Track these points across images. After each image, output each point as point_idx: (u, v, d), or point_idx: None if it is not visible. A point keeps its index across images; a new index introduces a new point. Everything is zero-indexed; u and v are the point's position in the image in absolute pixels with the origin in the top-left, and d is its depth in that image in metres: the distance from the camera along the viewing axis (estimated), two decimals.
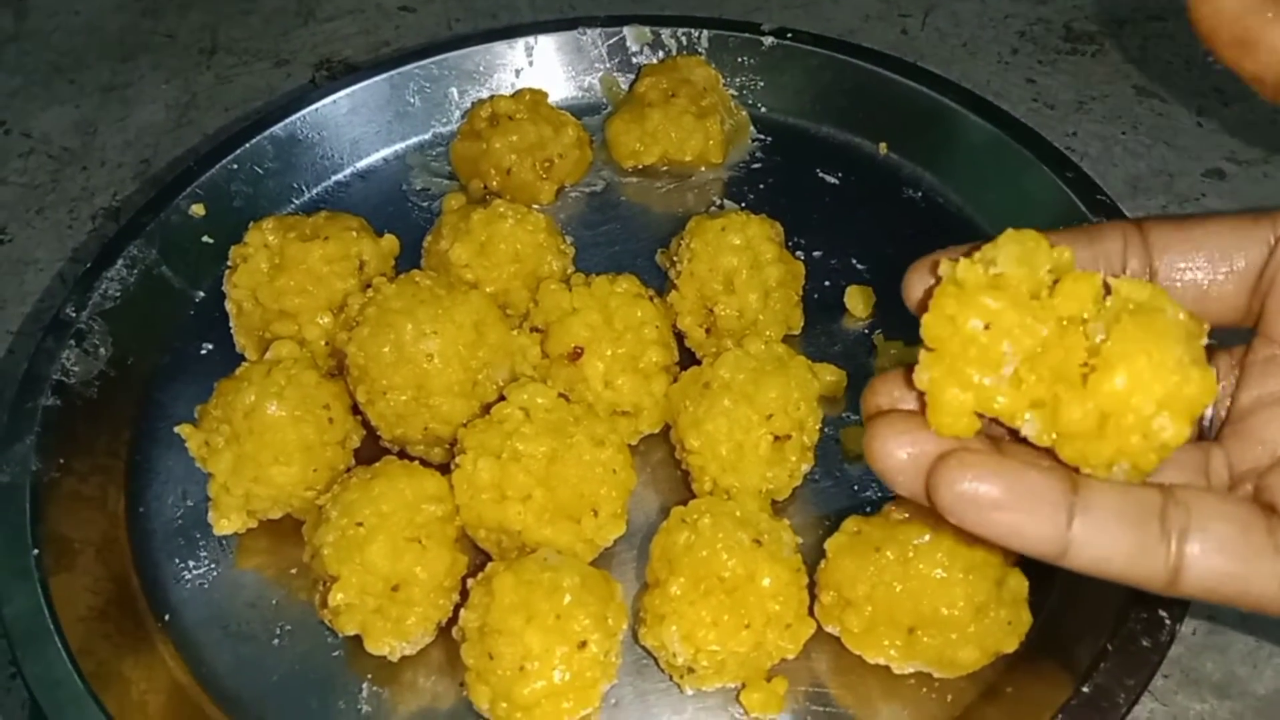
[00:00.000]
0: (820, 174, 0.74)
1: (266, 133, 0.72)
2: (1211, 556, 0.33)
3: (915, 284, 0.38)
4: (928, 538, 0.49)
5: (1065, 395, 0.32)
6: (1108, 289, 0.33)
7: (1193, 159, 0.90)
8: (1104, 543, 0.33)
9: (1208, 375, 0.31)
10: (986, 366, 0.33)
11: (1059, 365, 0.33)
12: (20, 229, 0.90)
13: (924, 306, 0.36)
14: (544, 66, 0.78)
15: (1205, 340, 0.33)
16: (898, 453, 0.35)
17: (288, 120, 0.73)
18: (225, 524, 0.56)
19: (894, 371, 0.38)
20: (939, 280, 0.35)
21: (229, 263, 0.62)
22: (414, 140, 0.77)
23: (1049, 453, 0.34)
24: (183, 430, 0.56)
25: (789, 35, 0.76)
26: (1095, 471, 0.34)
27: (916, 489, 0.35)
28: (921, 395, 0.35)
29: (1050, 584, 0.53)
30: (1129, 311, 0.32)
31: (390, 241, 0.64)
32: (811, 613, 0.52)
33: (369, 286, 0.59)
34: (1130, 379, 0.31)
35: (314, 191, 0.74)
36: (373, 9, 1.09)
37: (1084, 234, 0.39)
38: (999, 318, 0.33)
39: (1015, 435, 0.35)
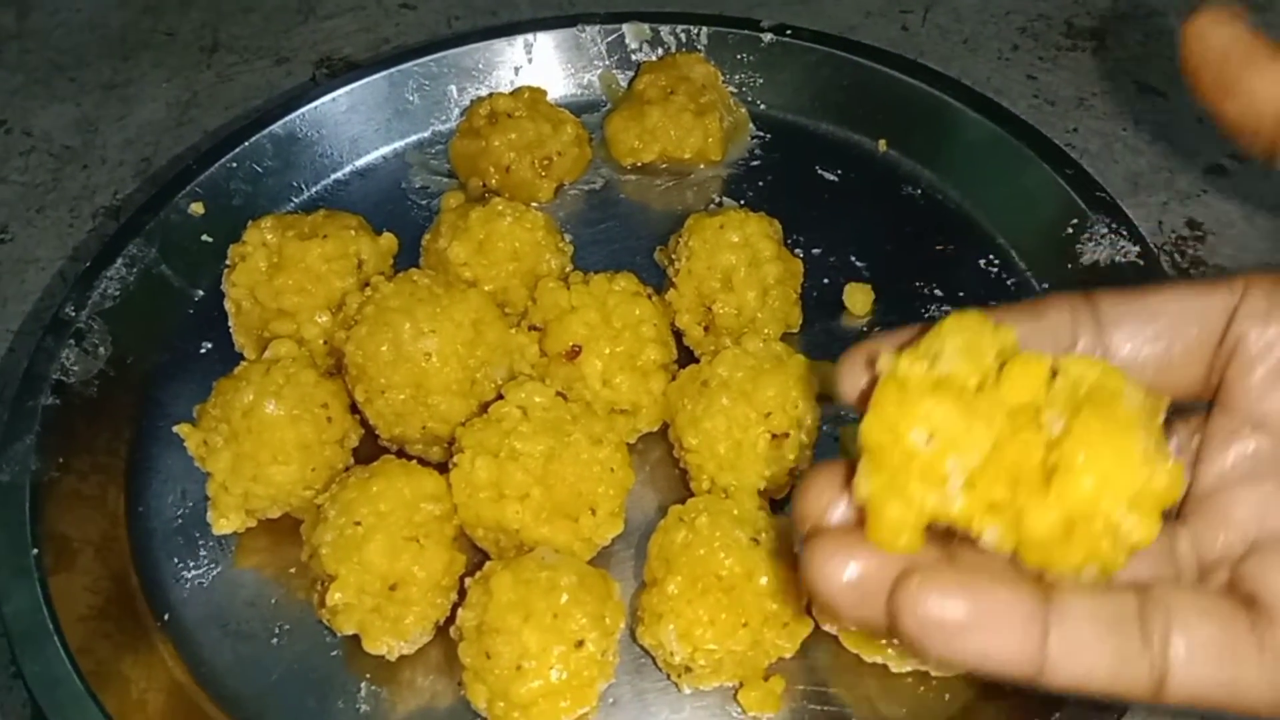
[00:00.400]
0: (819, 171, 0.74)
1: (266, 131, 0.72)
2: (1197, 663, 0.30)
3: (849, 376, 0.34)
4: None
5: (1028, 502, 0.30)
6: (1055, 370, 0.31)
7: (1194, 156, 0.89)
8: (1083, 658, 0.30)
9: (1176, 468, 0.29)
10: (931, 481, 0.30)
11: (1015, 465, 0.30)
12: (21, 228, 0.90)
13: (862, 401, 0.32)
14: (543, 64, 0.78)
15: (1163, 415, 0.31)
16: (840, 576, 0.31)
17: (287, 118, 0.73)
18: (224, 523, 0.56)
19: (825, 469, 0.33)
20: (876, 376, 0.32)
21: (227, 261, 0.62)
22: (413, 138, 0.77)
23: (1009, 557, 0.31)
24: (181, 430, 0.56)
25: (788, 32, 0.76)
26: (1061, 576, 0.31)
27: (867, 614, 0.31)
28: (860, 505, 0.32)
29: None
30: (1087, 400, 0.30)
31: (389, 240, 0.64)
32: (809, 611, 0.52)
33: (367, 285, 0.59)
34: (1097, 481, 0.29)
35: (313, 190, 0.74)
36: (373, 6, 1.08)
37: (1029, 310, 0.36)
38: (943, 428, 0.30)
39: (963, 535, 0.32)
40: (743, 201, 0.72)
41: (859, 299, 0.66)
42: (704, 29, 0.77)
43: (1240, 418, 0.34)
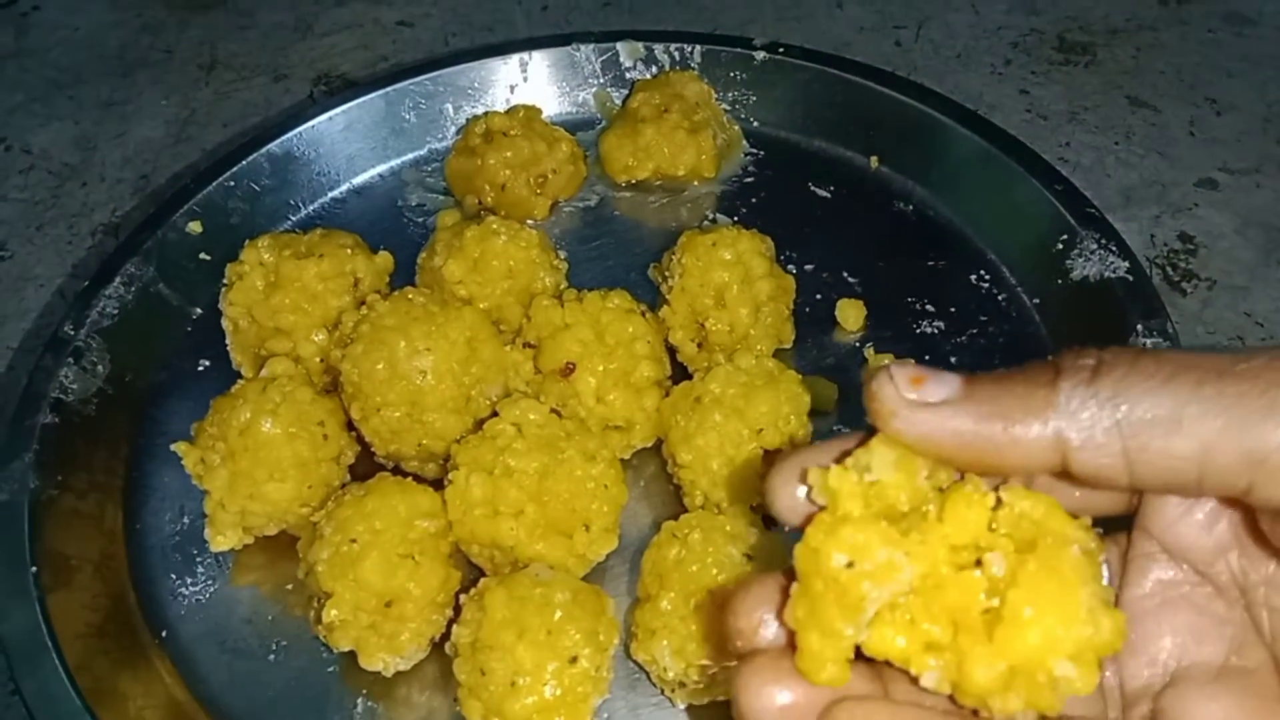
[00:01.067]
0: (812, 187, 0.75)
1: (263, 150, 0.73)
2: None
3: (781, 490, 0.32)
4: None
5: (970, 649, 0.29)
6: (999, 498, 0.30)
7: (1185, 169, 0.90)
8: None
9: (1117, 619, 0.29)
10: (849, 610, 0.29)
11: (956, 606, 0.29)
12: (20, 245, 0.90)
13: (791, 517, 0.32)
14: (538, 82, 0.79)
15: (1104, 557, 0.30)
16: (772, 704, 0.30)
17: (284, 137, 0.74)
18: (221, 540, 0.57)
19: (761, 583, 0.32)
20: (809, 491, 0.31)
21: (225, 280, 0.63)
22: (409, 156, 0.78)
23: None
24: (179, 448, 0.56)
25: (780, 50, 0.77)
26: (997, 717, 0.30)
27: None
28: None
29: None
30: (1032, 547, 0.29)
31: (385, 258, 0.64)
32: None
33: (363, 304, 0.60)
34: (1043, 636, 0.28)
35: (310, 208, 0.75)
36: (370, 24, 1.09)
37: None
38: (864, 555, 0.29)
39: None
40: (736, 218, 0.73)
41: (851, 314, 0.66)
42: (697, 47, 0.78)
43: (1158, 543, 0.33)
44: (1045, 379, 0.29)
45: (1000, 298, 0.68)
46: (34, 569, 0.54)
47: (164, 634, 0.56)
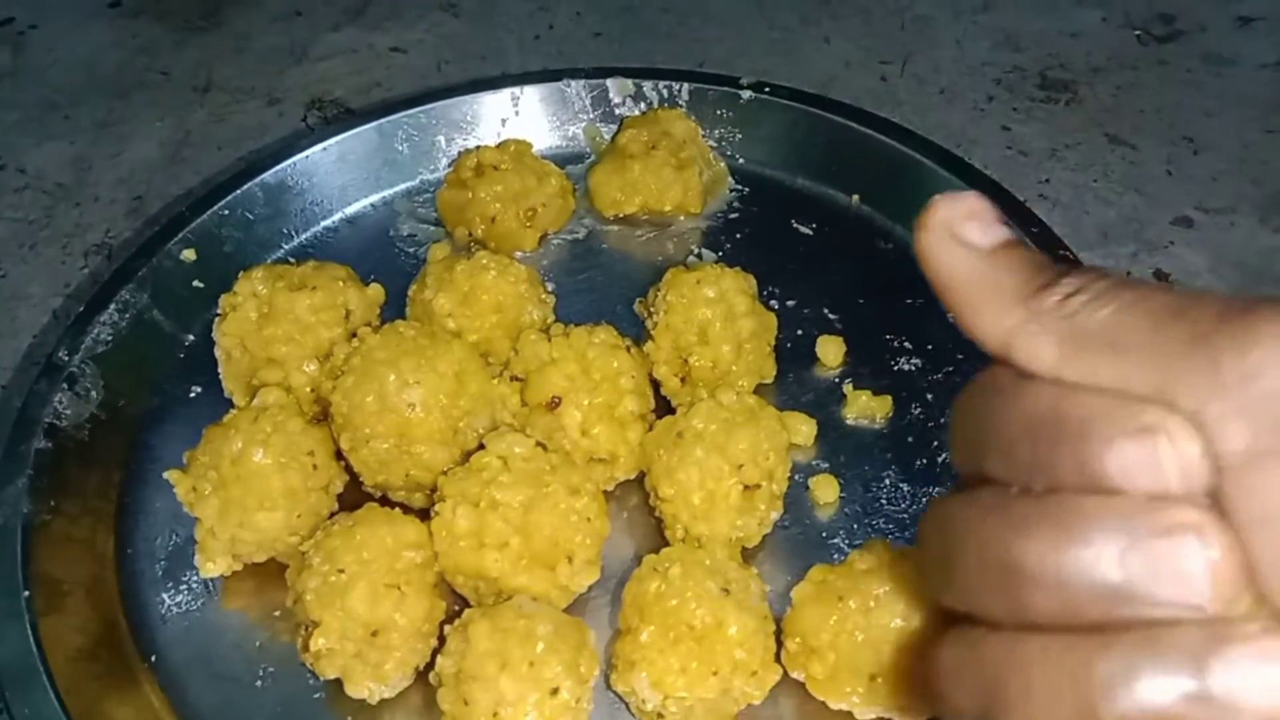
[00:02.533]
0: (795, 224, 0.76)
1: (257, 179, 0.74)
2: None
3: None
4: (889, 588, 0.51)
5: None
6: None
7: (1162, 207, 0.92)
8: None
9: None
10: None
11: None
12: (14, 264, 0.91)
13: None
14: (529, 116, 0.81)
15: None
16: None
17: (278, 167, 0.75)
18: (211, 567, 0.58)
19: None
20: None
21: (219, 310, 0.64)
22: (402, 187, 0.79)
23: None
24: (171, 476, 0.58)
25: (766, 90, 0.79)
26: None
27: None
28: None
29: None
30: None
31: (376, 290, 0.66)
32: (778, 659, 0.54)
33: (354, 335, 0.61)
34: None
35: (303, 237, 0.76)
36: (364, 49, 1.11)
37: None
38: None
39: None
40: (721, 253, 0.74)
41: (831, 351, 0.68)
42: (685, 85, 0.80)
43: None
44: (1040, 281, 0.30)
45: None
46: (26, 593, 0.55)
47: (153, 658, 0.57)
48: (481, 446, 0.58)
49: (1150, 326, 0.27)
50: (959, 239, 0.31)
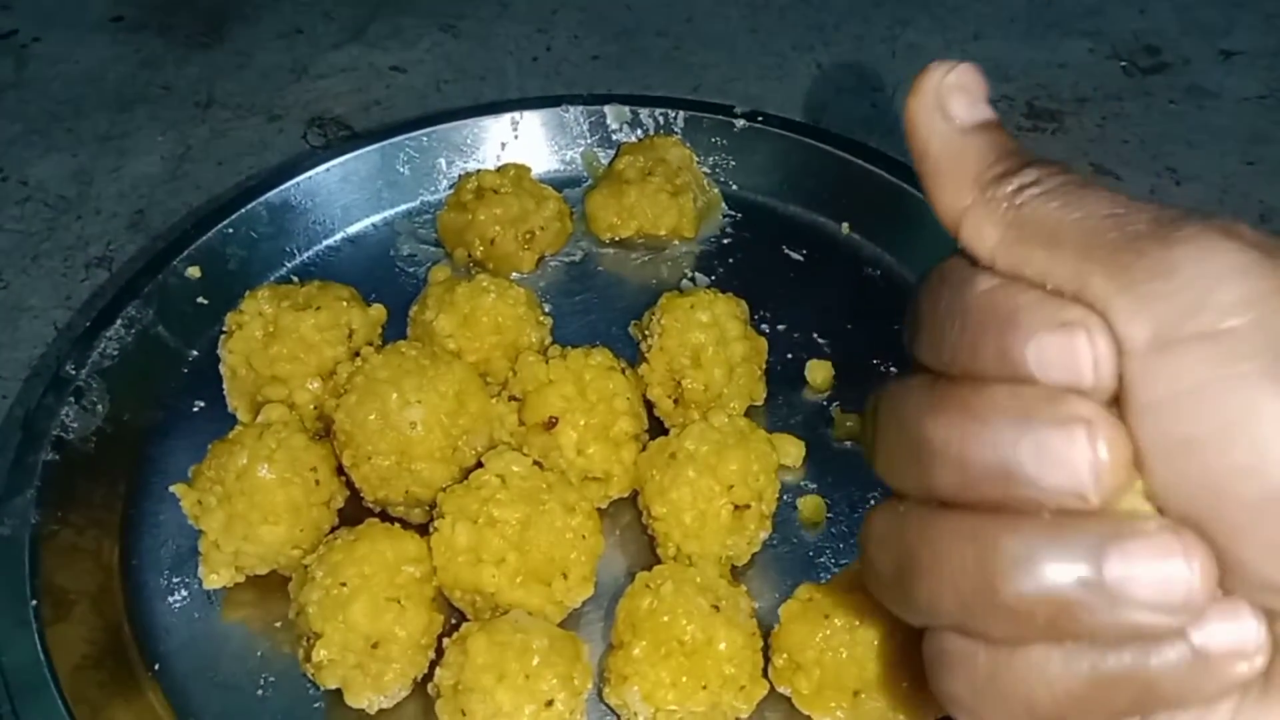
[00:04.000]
0: (786, 250, 0.78)
1: (261, 198, 0.75)
2: None
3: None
4: (873, 607, 0.53)
5: None
6: None
7: None
8: None
9: None
10: None
11: None
12: (15, 276, 0.92)
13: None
14: (528, 140, 0.82)
15: None
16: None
17: (282, 187, 0.76)
18: (215, 579, 0.59)
19: None
20: None
21: (225, 328, 0.65)
22: (402, 208, 0.81)
23: None
24: (178, 489, 0.59)
25: (760, 119, 0.81)
26: None
27: None
28: None
29: None
30: None
31: (378, 310, 0.67)
32: (765, 674, 0.56)
33: (357, 354, 0.63)
34: None
35: (305, 255, 0.77)
36: (364, 68, 1.12)
37: None
38: None
39: None
40: (714, 277, 0.76)
41: (820, 374, 0.70)
42: (681, 113, 0.81)
43: None
44: (1001, 168, 0.30)
45: None
46: (34, 602, 0.56)
47: (157, 667, 0.58)
48: (480, 464, 0.60)
49: (1086, 224, 0.28)
50: (942, 110, 0.32)
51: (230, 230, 0.74)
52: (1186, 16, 1.18)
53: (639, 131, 0.82)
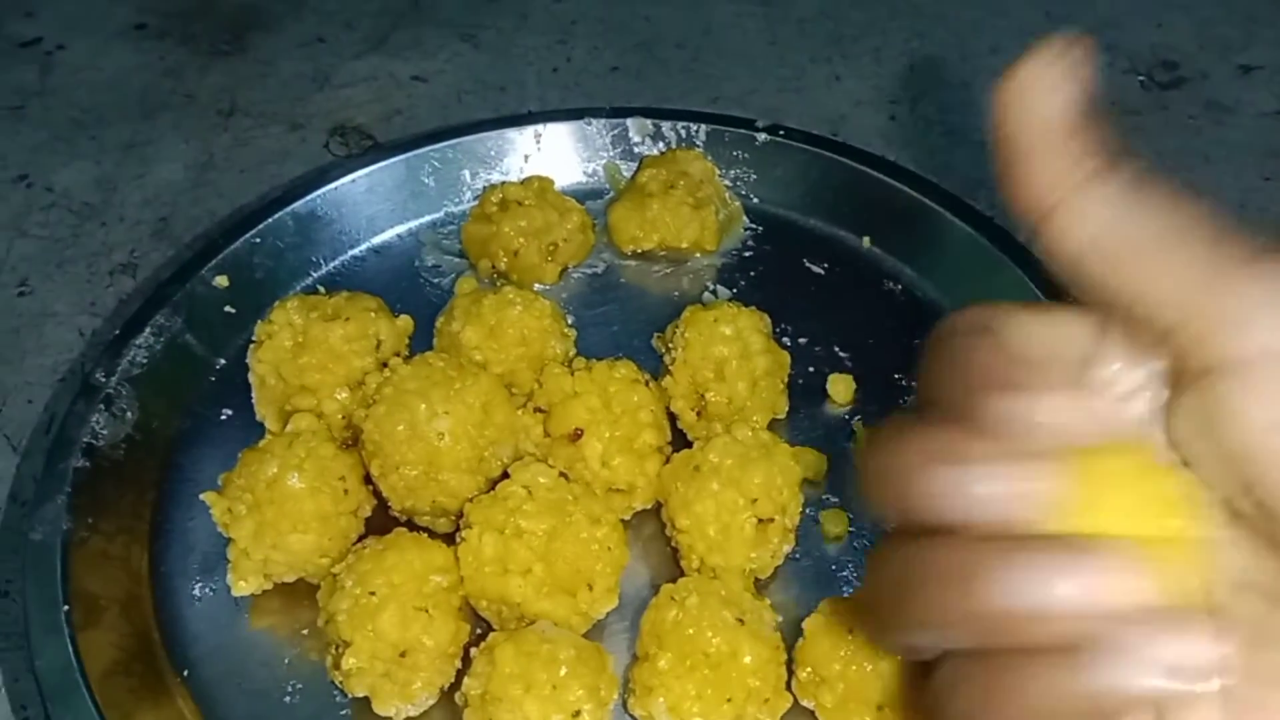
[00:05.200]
0: (807, 263, 0.79)
1: (288, 209, 0.76)
2: None
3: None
4: None
5: None
6: None
7: None
8: None
9: None
10: None
11: None
12: (41, 281, 0.93)
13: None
14: (551, 152, 0.83)
15: None
16: None
17: (308, 197, 0.77)
18: (243, 585, 0.60)
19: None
20: None
21: (254, 338, 0.66)
22: (427, 218, 0.81)
23: None
24: (208, 498, 0.60)
25: (781, 132, 0.81)
26: None
27: None
28: None
29: None
30: None
31: (405, 322, 0.68)
32: (789, 687, 0.56)
33: (385, 365, 0.63)
34: None
35: (331, 265, 0.78)
36: (386, 78, 1.13)
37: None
38: None
39: None
40: (735, 290, 0.77)
41: (841, 389, 0.70)
42: (702, 126, 0.82)
43: None
44: (1103, 165, 0.30)
45: None
46: (66, 608, 0.57)
47: (185, 673, 0.59)
48: (505, 475, 0.60)
49: (1180, 248, 0.28)
50: (1043, 95, 0.31)
51: (258, 240, 0.75)
52: (1204, 31, 1.18)
53: (661, 144, 0.83)
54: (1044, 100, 0.31)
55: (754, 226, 0.81)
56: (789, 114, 1.06)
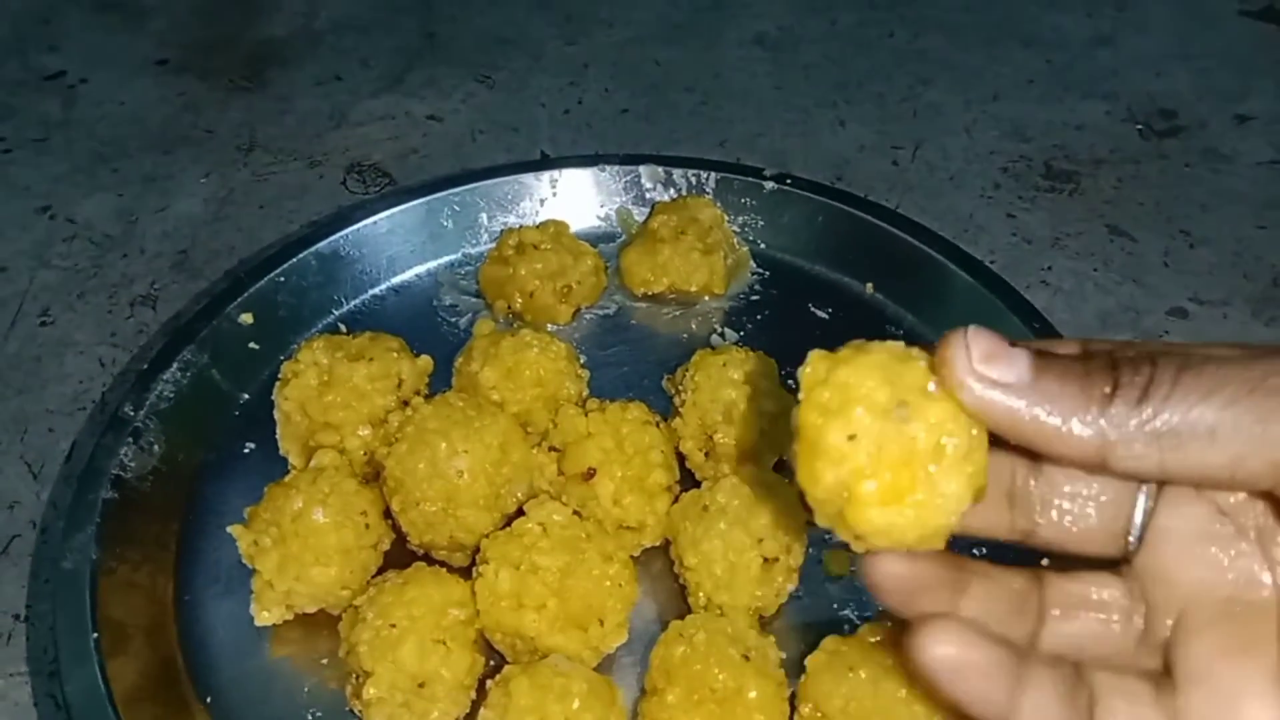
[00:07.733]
0: (812, 308, 0.81)
1: (312, 248, 0.79)
2: None
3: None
4: (895, 662, 0.55)
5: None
6: None
7: (1158, 297, 0.97)
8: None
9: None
10: None
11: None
12: (62, 312, 0.96)
13: None
14: (566, 196, 0.86)
15: None
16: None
17: (331, 238, 0.80)
18: (266, 616, 0.62)
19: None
20: None
21: (281, 376, 0.68)
22: (445, 259, 0.84)
23: None
24: (234, 530, 0.62)
25: (788, 181, 0.84)
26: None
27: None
28: None
29: None
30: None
31: (425, 361, 0.70)
32: None
33: (406, 404, 0.66)
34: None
35: (352, 304, 0.81)
36: (402, 116, 1.16)
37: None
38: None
39: None
40: (742, 333, 0.79)
41: None
42: (712, 174, 0.85)
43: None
44: (1102, 388, 0.33)
45: None
46: (94, 635, 0.59)
47: (208, 699, 0.60)
48: (520, 511, 0.62)
49: (1229, 411, 0.31)
50: (995, 384, 0.34)
51: (282, 279, 0.77)
52: (1202, 81, 1.21)
53: (672, 191, 0.86)
54: (1000, 391, 0.34)
55: (761, 271, 0.84)
56: (794, 157, 1.09)
